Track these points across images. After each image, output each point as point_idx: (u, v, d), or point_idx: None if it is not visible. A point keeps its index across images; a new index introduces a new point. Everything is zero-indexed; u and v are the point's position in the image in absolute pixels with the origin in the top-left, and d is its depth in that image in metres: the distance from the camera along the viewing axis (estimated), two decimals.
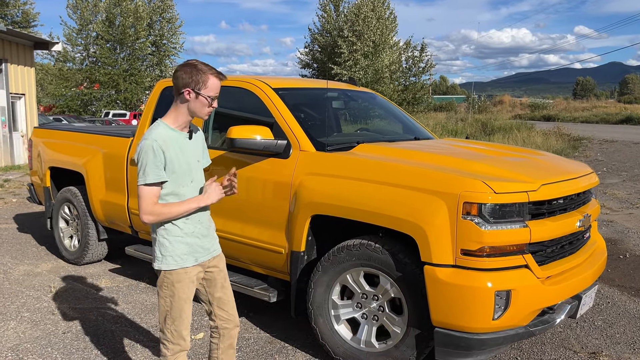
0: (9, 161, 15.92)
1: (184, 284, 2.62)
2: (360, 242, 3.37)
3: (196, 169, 2.67)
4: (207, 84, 2.54)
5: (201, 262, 2.69)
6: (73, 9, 38.73)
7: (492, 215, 2.96)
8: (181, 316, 2.66)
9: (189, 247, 2.62)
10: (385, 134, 4.94)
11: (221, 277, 2.81)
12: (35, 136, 6.43)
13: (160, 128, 2.56)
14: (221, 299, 2.82)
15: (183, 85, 2.53)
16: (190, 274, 2.65)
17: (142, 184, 2.49)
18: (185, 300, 2.64)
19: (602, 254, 3.81)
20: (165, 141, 2.51)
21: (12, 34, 15.74)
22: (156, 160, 2.48)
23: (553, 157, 4.10)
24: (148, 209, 2.50)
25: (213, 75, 2.55)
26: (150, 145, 2.48)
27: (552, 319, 3.25)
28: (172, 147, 2.53)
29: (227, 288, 2.85)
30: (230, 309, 2.85)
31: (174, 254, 2.59)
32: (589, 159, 16.21)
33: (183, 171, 2.57)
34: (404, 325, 3.28)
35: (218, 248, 2.82)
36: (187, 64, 2.57)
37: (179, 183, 2.57)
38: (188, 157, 2.61)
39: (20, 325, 4.21)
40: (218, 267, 2.80)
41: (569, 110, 47.77)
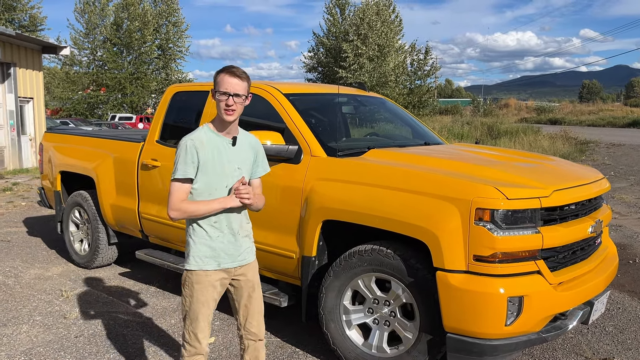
0: (17, 165, 16.02)
1: (202, 286, 2.64)
2: (372, 248, 3.38)
3: (233, 175, 2.65)
4: (218, 81, 2.59)
5: (225, 268, 2.68)
6: (80, 13, 38.96)
7: (505, 221, 2.97)
8: (197, 319, 2.67)
9: (212, 250, 2.63)
10: (395, 139, 4.95)
11: (248, 286, 2.78)
12: (46, 140, 6.47)
13: (202, 130, 2.65)
14: (247, 308, 2.80)
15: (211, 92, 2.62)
16: (211, 278, 2.65)
17: (172, 178, 2.59)
18: (202, 303, 2.66)
19: (613, 260, 3.81)
20: (201, 141, 2.58)
21: (21, 39, 15.85)
22: (187, 158, 2.55)
23: (564, 162, 4.10)
24: (175, 205, 2.57)
25: (223, 72, 2.60)
26: (185, 143, 2.58)
27: (564, 325, 3.24)
28: (208, 148, 2.58)
29: (255, 299, 2.81)
30: (255, 321, 2.83)
31: (196, 255, 2.63)
32: (596, 162, 16.16)
33: (217, 174, 2.60)
34: (415, 330, 3.29)
35: (249, 257, 2.77)
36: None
37: (212, 185, 2.60)
38: (225, 161, 2.63)
39: (33, 329, 4.24)
40: (246, 277, 2.76)
41: (575, 114, 47.66)
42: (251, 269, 2.80)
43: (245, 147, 2.74)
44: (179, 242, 4.75)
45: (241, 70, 2.62)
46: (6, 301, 4.85)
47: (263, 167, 2.84)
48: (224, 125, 2.63)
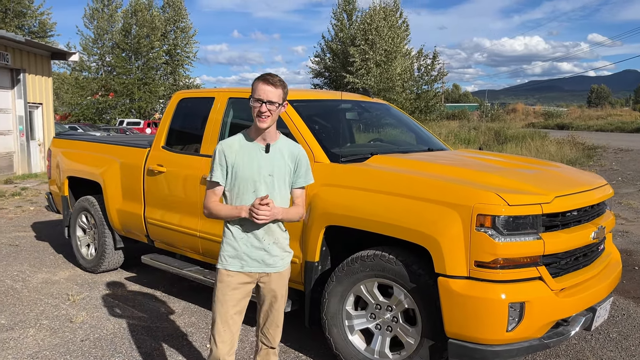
0: (26, 169, 16.16)
1: (223, 285, 2.72)
2: (374, 253, 3.40)
3: (262, 181, 2.68)
4: (254, 88, 2.67)
5: (248, 271, 2.73)
6: (89, 19, 39.32)
7: (506, 227, 2.98)
8: (215, 320, 2.74)
9: (235, 251, 2.72)
10: (399, 145, 4.97)
11: (270, 295, 2.82)
12: (54, 146, 6.55)
13: (238, 135, 2.78)
14: (267, 315, 2.88)
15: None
16: (233, 279, 2.72)
17: (205, 179, 2.81)
18: (221, 302, 2.72)
19: (617, 266, 3.80)
20: (230, 146, 2.71)
21: (30, 45, 16.02)
22: (215, 162, 2.72)
23: (567, 168, 4.11)
24: (205, 203, 2.75)
25: (258, 80, 2.67)
26: (217, 147, 2.74)
27: (566, 331, 3.25)
28: (238, 153, 2.70)
29: (276, 310, 2.87)
30: (272, 330, 2.90)
31: (222, 254, 2.75)
32: (603, 168, 16.08)
33: (245, 179, 2.68)
34: (417, 336, 3.30)
35: (277, 266, 2.79)
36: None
37: (239, 188, 2.70)
38: (255, 167, 2.69)
39: (39, 332, 4.29)
40: (269, 286, 2.80)
41: (583, 119, 47.44)
42: (276, 279, 2.81)
43: (283, 155, 2.75)
44: (183, 247, 4.79)
45: (277, 78, 2.67)
46: (14, 305, 4.91)
47: (304, 179, 2.83)
48: (259, 131, 2.70)
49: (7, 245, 7.17)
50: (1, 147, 15.47)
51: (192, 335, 4.26)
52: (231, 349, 2.78)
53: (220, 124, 4.49)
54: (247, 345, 4.07)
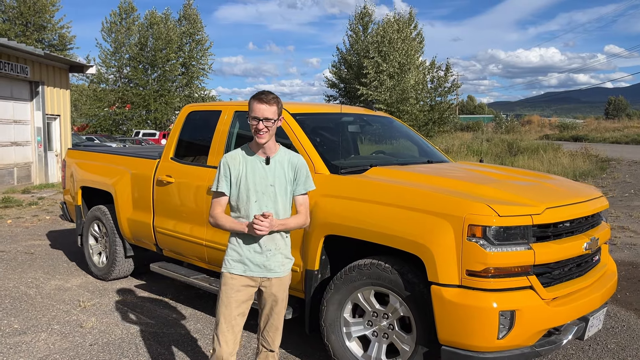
0: (43, 179, 16.51)
1: (227, 288, 2.88)
2: (370, 262, 3.51)
3: (263, 191, 2.86)
4: (250, 107, 2.85)
5: (250, 275, 2.89)
6: (107, 32, 40.10)
7: (497, 238, 3.08)
8: (219, 320, 2.88)
9: (239, 256, 2.89)
10: (400, 157, 5.08)
11: (271, 300, 2.96)
12: (69, 157, 6.76)
13: (239, 149, 2.96)
14: (267, 319, 3.01)
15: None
16: (236, 282, 2.88)
17: (211, 190, 2.94)
18: (226, 304, 2.87)
19: (612, 277, 3.86)
20: (233, 158, 2.90)
21: (49, 58, 16.44)
22: (220, 173, 2.90)
23: (563, 180, 4.18)
24: (211, 212, 2.92)
25: (253, 99, 2.85)
26: (222, 159, 2.93)
27: (558, 339, 3.31)
28: (241, 165, 2.88)
29: (276, 313, 3.00)
30: (272, 333, 3.03)
31: (227, 258, 2.92)
32: (616, 180, 15.98)
33: (247, 189, 2.85)
34: (412, 343, 3.39)
35: (278, 271, 2.93)
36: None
37: (241, 198, 2.88)
38: (257, 178, 2.86)
39: (51, 337, 4.44)
40: (270, 290, 2.94)
41: (599, 131, 47.02)
42: (277, 284, 2.95)
43: (283, 166, 2.92)
44: (190, 255, 4.93)
45: (271, 96, 2.84)
46: (27, 310, 5.08)
47: (304, 185, 2.98)
48: (259, 146, 2.88)
49: (22, 253, 7.38)
50: (20, 158, 15.85)
51: (197, 341, 4.39)
52: (233, 349, 2.90)
53: (227, 136, 4.65)
54: (249, 351, 4.18)
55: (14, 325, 4.69)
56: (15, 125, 15.63)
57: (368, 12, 40.53)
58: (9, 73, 14.76)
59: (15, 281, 6.05)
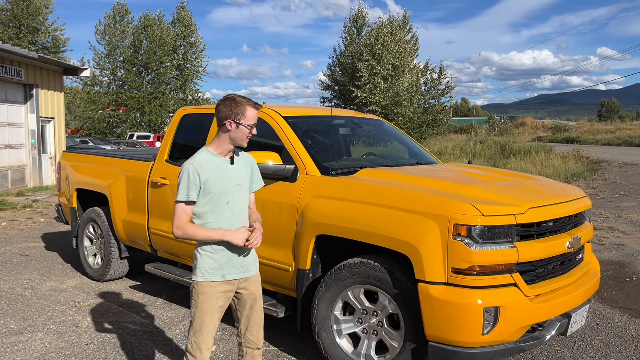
0: (37, 182, 16.53)
1: (207, 297, 2.83)
2: (360, 261, 3.61)
3: (234, 192, 2.86)
4: (246, 114, 2.83)
5: (229, 279, 2.86)
6: (101, 35, 40.08)
7: (481, 237, 3.18)
8: (201, 329, 2.84)
9: (216, 263, 2.83)
10: (390, 158, 5.18)
11: (250, 299, 2.97)
12: (64, 159, 6.83)
13: (202, 154, 2.87)
14: (249, 318, 3.00)
15: (224, 117, 2.83)
16: (216, 289, 2.83)
17: (175, 200, 2.81)
18: (206, 313, 2.83)
19: (594, 275, 3.97)
20: (202, 165, 2.80)
21: (43, 61, 16.48)
22: (189, 182, 2.77)
23: (546, 181, 4.30)
24: (178, 224, 2.79)
25: (250, 105, 2.84)
26: (188, 167, 2.79)
27: (542, 335, 3.42)
28: (210, 170, 2.80)
29: (257, 311, 3.00)
30: (256, 331, 3.02)
31: (202, 267, 2.83)
32: (607, 181, 16.16)
33: (219, 192, 2.81)
34: (401, 339, 3.49)
35: (252, 270, 2.96)
36: (227, 98, 2.87)
37: (214, 202, 2.81)
38: (226, 180, 2.84)
39: (47, 336, 4.52)
40: (248, 290, 2.95)
41: (592, 132, 47.39)
42: (254, 282, 2.99)
43: (243, 165, 2.97)
44: (185, 256, 5.02)
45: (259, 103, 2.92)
46: (23, 311, 5.15)
47: (258, 182, 3.07)
48: (228, 148, 2.87)
49: (18, 255, 7.44)
50: (14, 160, 15.87)
51: None
52: (210, 350, 2.92)
53: None
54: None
55: (11, 326, 4.76)
56: (9, 127, 15.66)
57: (362, 14, 40.73)
58: (3, 76, 14.80)
59: (11, 282, 6.11)
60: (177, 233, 2.82)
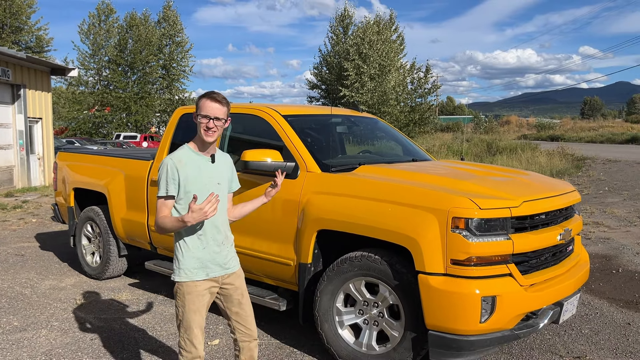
0: (26, 183, 16.44)
1: (193, 296, 2.85)
2: (361, 254, 3.74)
3: (214, 189, 2.84)
4: (200, 105, 2.85)
5: (213, 277, 2.90)
6: (86, 35, 39.77)
7: (478, 229, 3.32)
8: (191, 326, 2.87)
9: (199, 262, 2.85)
10: (385, 155, 5.33)
11: (237, 294, 3.00)
12: (60, 159, 6.87)
13: (182, 150, 2.90)
14: (239, 314, 3.03)
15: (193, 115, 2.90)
16: (200, 288, 2.86)
17: (157, 196, 2.85)
18: (194, 311, 2.86)
19: (584, 266, 4.15)
20: (180, 160, 2.82)
21: (31, 61, 16.39)
22: (168, 177, 2.79)
23: (537, 176, 4.46)
24: (159, 219, 2.81)
25: (205, 97, 2.85)
26: (166, 163, 2.82)
27: (536, 323, 3.58)
28: (189, 167, 2.81)
29: (245, 304, 3.04)
30: (248, 324, 3.05)
31: (185, 268, 2.85)
32: (591, 178, 16.48)
33: (198, 190, 2.79)
34: (401, 329, 3.62)
35: (234, 266, 3.00)
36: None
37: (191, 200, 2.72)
38: (205, 178, 2.85)
39: (51, 333, 4.59)
40: (234, 285, 2.98)
41: (575, 130, 48.08)
42: (237, 277, 3.03)
43: (223, 165, 3.00)
44: None
45: (222, 96, 2.89)
46: (24, 309, 5.21)
47: (236, 183, 3.12)
48: (205, 145, 2.88)
49: (13, 255, 7.46)
50: (2, 161, 15.77)
51: None
52: (203, 345, 2.97)
53: (220, 137, 4.82)
54: None
55: (14, 323, 4.82)
56: None
57: (348, 14, 40.88)
58: None
59: (9, 282, 6.15)
60: (155, 228, 2.85)
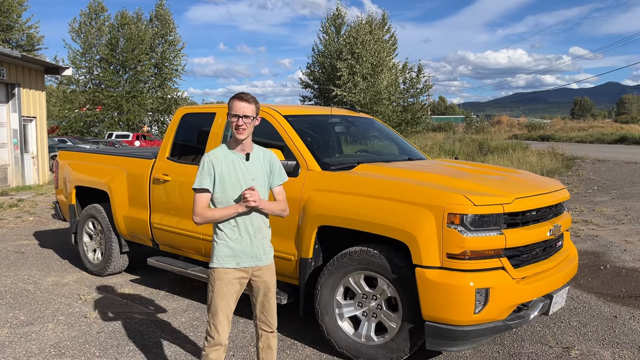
0: (20, 182, 16.47)
1: (222, 283, 3.06)
2: (360, 249, 3.90)
3: (247, 185, 3.04)
4: (230, 106, 3.07)
5: (243, 267, 3.08)
6: (77, 33, 39.64)
7: (473, 224, 3.50)
8: (217, 312, 3.08)
9: (231, 251, 3.06)
10: (382, 154, 5.50)
11: (264, 287, 3.17)
12: (61, 158, 6.98)
13: (219, 148, 3.14)
14: (263, 305, 3.21)
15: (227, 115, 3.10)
16: (230, 276, 3.06)
17: (193, 188, 3.07)
18: (221, 297, 3.07)
19: (573, 260, 4.34)
20: (216, 157, 3.06)
21: (25, 60, 16.42)
22: (203, 171, 3.04)
23: (529, 174, 4.65)
24: (196, 211, 3.05)
25: (234, 98, 3.08)
26: (204, 159, 3.07)
27: (527, 314, 3.76)
28: (223, 163, 3.05)
29: (270, 298, 3.21)
30: (270, 316, 3.23)
31: (218, 255, 3.07)
32: (581, 177, 16.75)
33: (232, 185, 3.04)
34: (399, 320, 3.79)
35: (266, 260, 3.16)
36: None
37: (229, 194, 3.05)
38: (240, 174, 3.06)
39: (58, 326, 4.71)
40: (262, 278, 3.15)
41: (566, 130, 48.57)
42: (267, 270, 3.21)
43: (260, 161, 3.19)
44: (187, 249, 5.25)
45: (250, 96, 3.11)
46: (29, 304, 5.32)
47: (280, 177, 3.27)
48: (237, 142, 3.09)
49: (13, 252, 7.56)
50: None
51: (196, 328, 4.72)
52: (228, 333, 3.15)
53: (222, 137, 4.98)
54: (247, 335, 4.52)
55: (20, 317, 4.94)
56: None
57: (341, 14, 41.01)
58: None
59: (12, 278, 6.26)
60: (196, 220, 3.06)
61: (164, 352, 4.20)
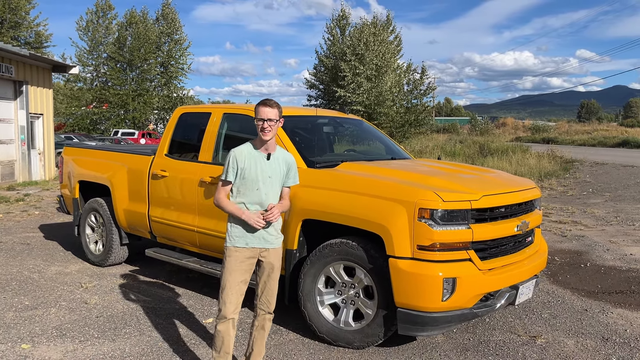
0: (27, 177, 16.86)
1: (232, 259, 3.46)
2: (340, 241, 4.20)
3: (264, 181, 3.48)
4: (256, 111, 3.49)
5: (252, 247, 3.47)
6: (84, 31, 40.07)
7: (441, 219, 3.79)
8: (226, 285, 3.45)
9: (241, 232, 3.47)
10: (368, 154, 5.79)
11: (269, 267, 3.55)
12: (66, 154, 7.31)
13: (244, 145, 3.55)
14: (265, 285, 3.58)
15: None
16: (240, 254, 3.46)
17: (219, 178, 3.54)
18: (230, 272, 3.45)
19: (542, 255, 4.62)
20: (241, 153, 3.48)
21: (33, 58, 16.80)
22: (229, 165, 3.47)
23: (502, 174, 4.94)
24: (217, 196, 3.53)
25: (260, 104, 3.49)
26: (231, 154, 3.50)
27: (493, 303, 4.05)
28: (246, 159, 3.47)
29: (273, 280, 3.59)
30: (270, 297, 3.60)
31: (230, 234, 3.50)
32: (577, 180, 16.99)
33: (252, 179, 3.46)
34: (374, 307, 4.08)
35: (275, 243, 3.55)
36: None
37: (246, 186, 3.47)
38: (259, 170, 3.47)
39: (60, 311, 5.04)
40: (267, 259, 3.53)
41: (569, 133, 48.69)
42: (273, 253, 3.56)
43: (279, 162, 3.59)
44: (183, 241, 5.56)
45: (273, 101, 3.52)
46: (34, 291, 5.65)
47: (293, 180, 3.69)
48: (262, 142, 3.49)
49: (19, 244, 7.90)
50: (3, 156, 16.18)
51: (192, 315, 5.02)
52: (236, 309, 3.50)
53: (216, 135, 5.29)
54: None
55: (25, 302, 5.27)
56: None
57: (346, 15, 41.25)
58: None
59: (18, 267, 6.59)
60: (215, 202, 3.56)
61: (158, 335, 4.51)
